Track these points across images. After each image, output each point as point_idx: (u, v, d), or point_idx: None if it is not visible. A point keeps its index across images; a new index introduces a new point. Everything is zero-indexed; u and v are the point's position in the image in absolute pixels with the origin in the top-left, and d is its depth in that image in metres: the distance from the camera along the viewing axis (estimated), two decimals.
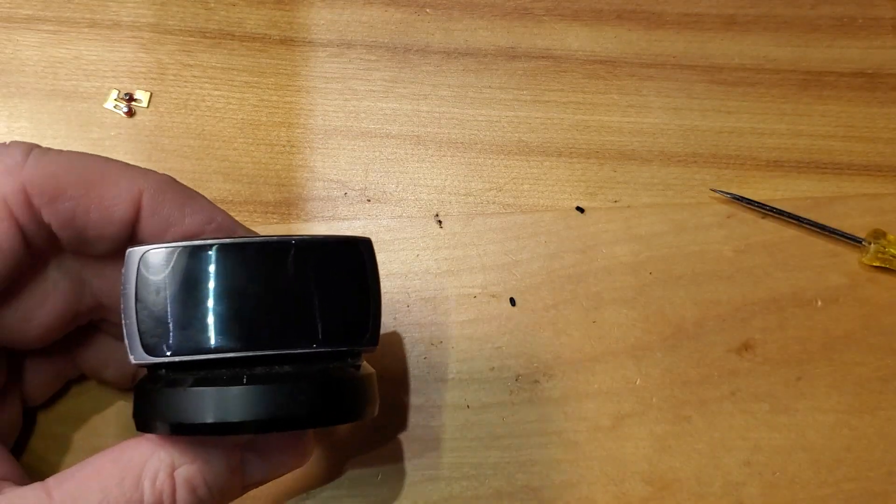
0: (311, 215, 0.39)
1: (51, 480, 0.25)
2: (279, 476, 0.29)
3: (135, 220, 0.27)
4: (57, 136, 0.39)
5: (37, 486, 0.25)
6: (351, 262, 0.27)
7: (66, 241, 0.28)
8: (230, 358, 0.25)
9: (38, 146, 0.27)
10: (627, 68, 0.42)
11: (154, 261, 0.25)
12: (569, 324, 0.37)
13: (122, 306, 0.25)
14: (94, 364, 0.33)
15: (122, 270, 0.25)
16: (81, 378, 0.35)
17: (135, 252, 0.25)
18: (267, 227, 0.38)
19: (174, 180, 0.29)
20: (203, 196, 0.29)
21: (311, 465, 0.35)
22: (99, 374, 0.34)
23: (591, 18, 0.43)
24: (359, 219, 0.39)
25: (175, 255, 0.25)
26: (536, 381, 0.37)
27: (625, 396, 0.37)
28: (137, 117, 0.40)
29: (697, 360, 0.37)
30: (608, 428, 0.36)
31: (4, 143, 0.27)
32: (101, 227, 0.27)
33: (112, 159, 0.28)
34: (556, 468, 0.35)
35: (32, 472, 0.31)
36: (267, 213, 0.39)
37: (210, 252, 0.25)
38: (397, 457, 0.35)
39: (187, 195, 0.28)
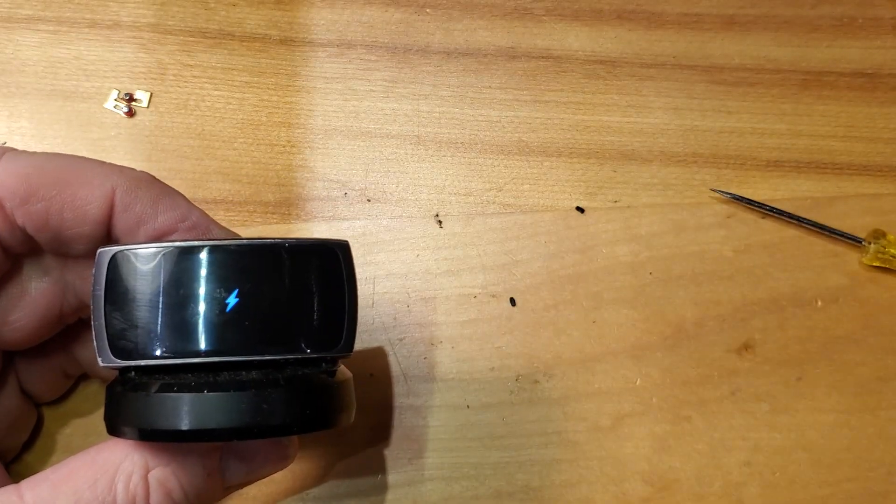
0: (311, 215, 0.39)
1: (24, 483, 0.25)
2: (261, 478, 0.29)
3: (109, 217, 0.27)
4: (57, 136, 0.39)
5: (10, 488, 0.25)
6: (327, 266, 0.26)
7: (43, 243, 0.28)
8: (199, 363, 0.24)
9: (11, 149, 0.27)
10: (627, 68, 0.42)
11: (123, 262, 0.25)
12: (569, 324, 0.37)
13: (91, 307, 0.25)
14: (92, 361, 0.33)
15: (93, 271, 0.25)
16: (84, 377, 0.35)
17: (104, 253, 0.25)
18: (267, 227, 0.38)
19: (150, 177, 0.28)
20: (180, 194, 0.29)
21: (311, 464, 0.35)
22: (98, 372, 0.34)
23: (591, 18, 0.43)
24: (359, 219, 0.39)
25: (144, 257, 0.25)
26: (536, 381, 0.37)
27: (625, 396, 0.37)
28: (137, 117, 0.40)
29: (697, 360, 0.37)
30: (608, 428, 0.36)
31: None
32: (76, 226, 0.27)
33: (85, 158, 0.28)
34: (556, 468, 0.35)
35: (31, 472, 0.31)
36: (267, 213, 0.39)
37: (180, 255, 0.25)
38: (397, 456, 0.35)
39: (162, 192, 0.28)
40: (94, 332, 0.25)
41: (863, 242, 0.39)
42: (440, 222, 0.39)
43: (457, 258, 0.38)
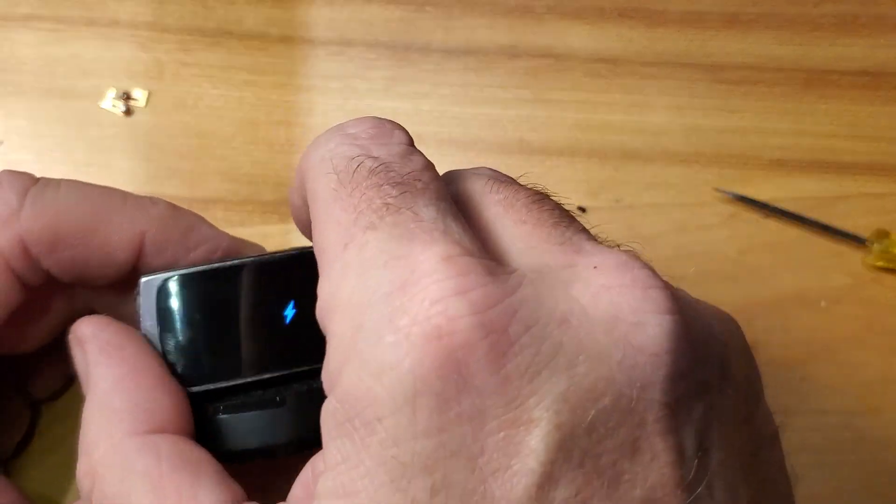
0: None
1: None
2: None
3: (137, 258, 0.27)
4: (54, 135, 0.39)
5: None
6: None
7: (65, 280, 0.27)
8: (265, 379, 0.24)
9: (32, 184, 0.27)
10: (629, 67, 0.42)
11: (171, 290, 0.25)
12: None
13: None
14: None
15: (139, 300, 0.25)
16: None
17: (150, 282, 0.25)
18: (266, 227, 0.38)
19: (174, 210, 0.28)
20: (204, 221, 0.28)
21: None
22: None
23: (592, 17, 0.43)
24: None
25: (192, 282, 0.25)
26: None
27: None
28: (135, 116, 0.40)
29: None
30: None
31: None
32: (101, 268, 0.27)
33: (111, 194, 0.27)
34: None
35: (26, 471, 0.31)
36: (266, 212, 0.39)
37: (226, 275, 0.25)
38: None
39: (188, 226, 0.28)
40: None
41: (866, 242, 0.39)
42: None
43: None
